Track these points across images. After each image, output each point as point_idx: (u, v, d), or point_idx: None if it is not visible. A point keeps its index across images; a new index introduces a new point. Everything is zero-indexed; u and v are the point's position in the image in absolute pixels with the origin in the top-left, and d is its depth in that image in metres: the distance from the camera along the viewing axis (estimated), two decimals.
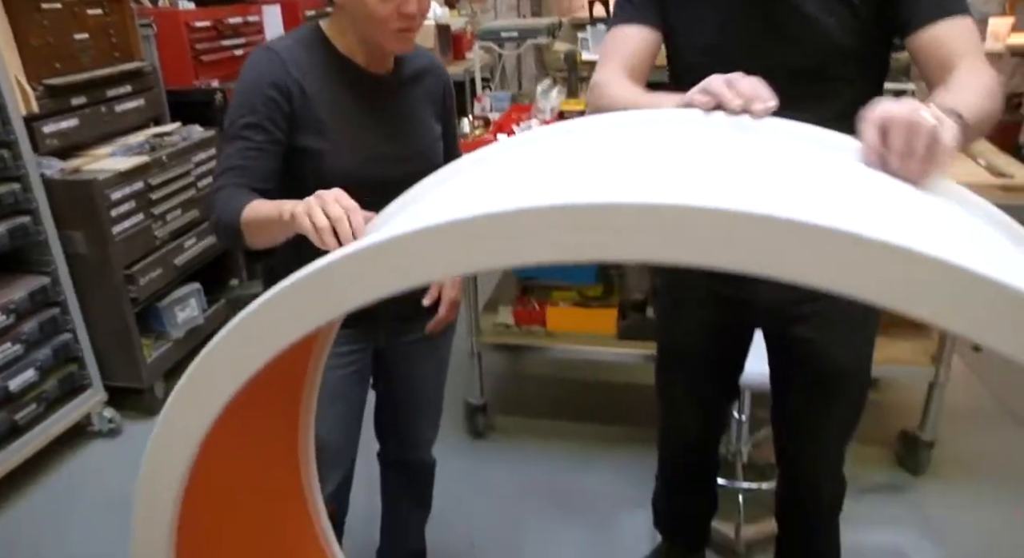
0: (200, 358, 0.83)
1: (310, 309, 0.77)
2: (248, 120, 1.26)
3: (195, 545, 1.06)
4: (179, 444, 0.90)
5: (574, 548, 2.11)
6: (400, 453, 1.73)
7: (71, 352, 2.53)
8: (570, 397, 2.85)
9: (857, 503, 2.24)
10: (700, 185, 0.75)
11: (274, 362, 1.05)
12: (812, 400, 1.46)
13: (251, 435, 1.22)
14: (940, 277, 0.58)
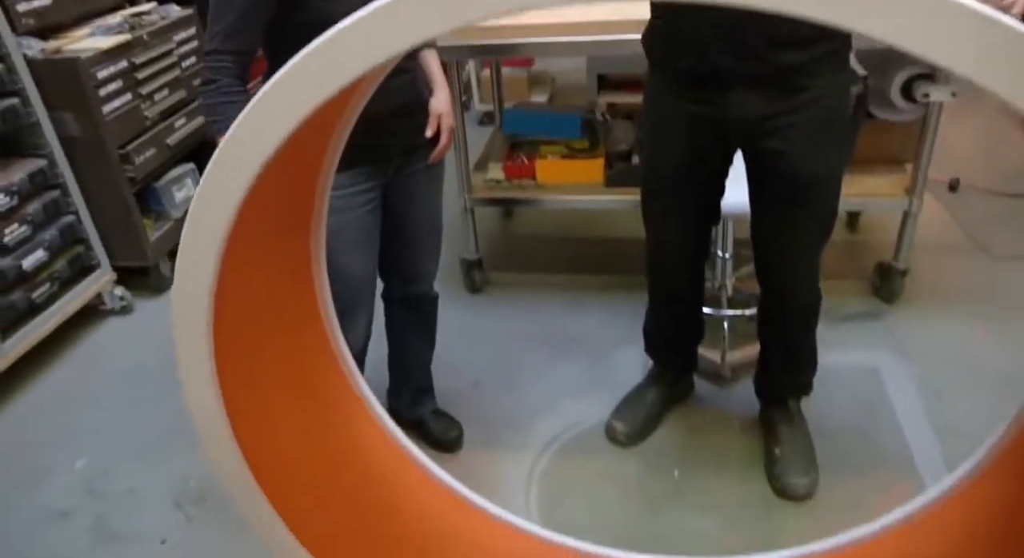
0: (236, 125, 0.87)
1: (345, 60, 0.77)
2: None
3: (231, 367, 1.15)
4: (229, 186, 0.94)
5: (571, 381, 2.27)
6: (404, 288, 1.85)
7: (77, 233, 2.60)
8: (562, 252, 2.97)
9: (835, 330, 2.40)
10: None
11: (285, 182, 1.13)
12: (786, 209, 1.57)
13: (268, 266, 1.31)
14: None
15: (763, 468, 1.91)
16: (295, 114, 0.82)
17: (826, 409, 2.07)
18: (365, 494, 1.45)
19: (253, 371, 1.28)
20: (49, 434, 2.23)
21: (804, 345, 1.83)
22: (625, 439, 2.02)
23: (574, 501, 1.88)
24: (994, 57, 0.63)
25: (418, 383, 2.02)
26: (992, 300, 2.51)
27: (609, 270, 2.76)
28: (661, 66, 1.57)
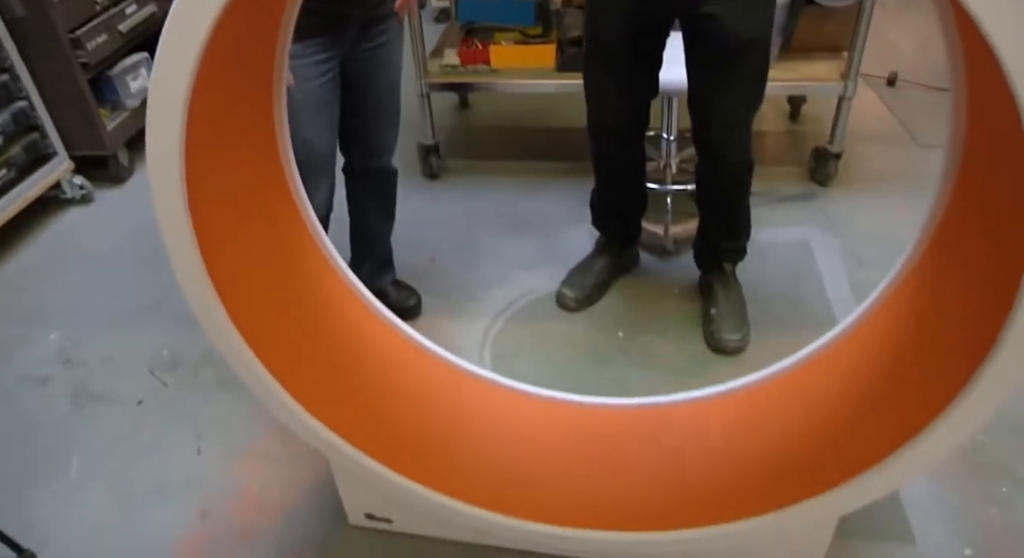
0: None
1: None
2: None
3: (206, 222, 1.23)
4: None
5: (525, 256, 2.40)
6: (364, 162, 1.93)
7: (30, 120, 2.60)
8: (516, 139, 3.06)
9: (773, 210, 2.56)
10: None
11: (245, 46, 1.19)
12: (719, 71, 1.68)
13: (235, 126, 1.38)
14: None
15: (700, 329, 2.08)
16: None
17: (760, 278, 2.24)
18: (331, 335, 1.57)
19: (227, 226, 1.37)
20: (19, 311, 2.30)
21: (738, 210, 1.97)
22: (574, 304, 2.16)
23: (525, 359, 2.03)
24: None
25: (379, 255, 2.12)
26: (917, 184, 2.66)
27: (562, 157, 2.85)
28: None
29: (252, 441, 1.82)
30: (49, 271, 2.48)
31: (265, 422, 1.83)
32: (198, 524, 1.63)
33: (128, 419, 1.90)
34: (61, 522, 1.65)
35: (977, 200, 1.15)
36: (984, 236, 1.11)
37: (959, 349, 1.10)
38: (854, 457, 1.25)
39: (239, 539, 1.60)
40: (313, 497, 1.67)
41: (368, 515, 1.59)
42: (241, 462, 1.77)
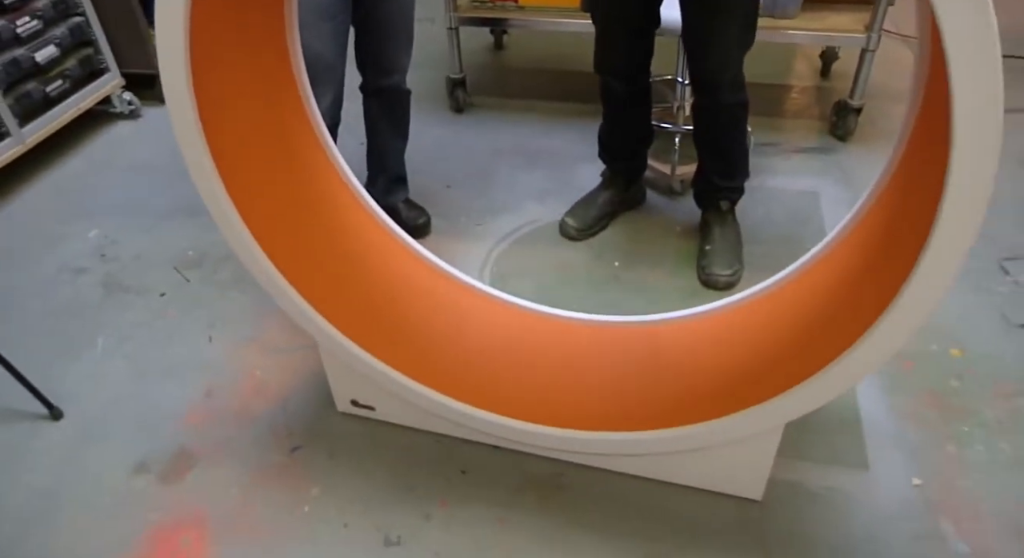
0: None
1: None
2: None
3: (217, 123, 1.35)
4: None
5: (536, 188, 2.49)
6: (378, 80, 2.03)
7: (85, 35, 2.77)
8: (543, 81, 3.13)
9: (787, 161, 2.59)
10: None
11: None
12: (710, 9, 1.74)
13: (245, 42, 1.49)
14: None
15: (695, 264, 2.15)
16: None
17: (764, 221, 2.29)
18: (333, 235, 1.70)
19: (236, 128, 1.49)
20: (64, 211, 2.49)
21: (734, 148, 2.02)
22: (576, 233, 2.25)
23: (522, 280, 2.13)
24: None
25: (392, 172, 2.23)
26: None
27: (583, 99, 2.91)
28: None
29: (259, 334, 1.97)
30: (94, 177, 2.67)
31: (272, 317, 1.98)
32: (203, 401, 1.79)
33: (151, 308, 2.07)
34: (85, 389, 1.83)
35: (926, 143, 1.19)
36: (923, 185, 1.16)
37: (885, 280, 1.17)
38: (796, 370, 1.33)
39: (237, 416, 1.75)
40: (308, 386, 1.82)
41: (353, 402, 1.72)
42: (247, 351, 1.92)
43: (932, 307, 1.12)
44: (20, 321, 2.04)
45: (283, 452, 1.67)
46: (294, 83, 1.67)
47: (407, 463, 1.64)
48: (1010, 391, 1.77)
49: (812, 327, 1.40)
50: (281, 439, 1.70)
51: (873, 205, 1.44)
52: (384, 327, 1.69)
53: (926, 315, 1.13)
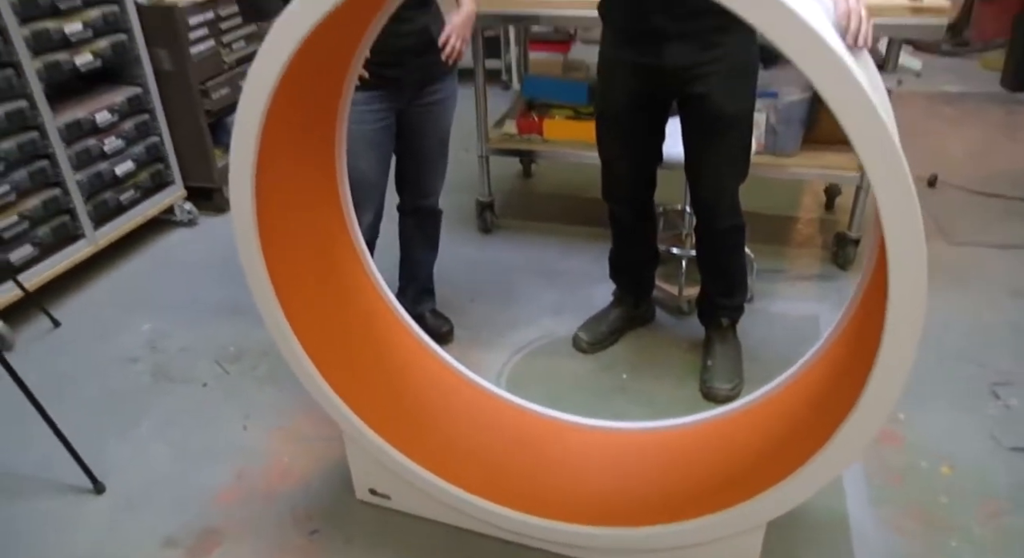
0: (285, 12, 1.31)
1: None
2: None
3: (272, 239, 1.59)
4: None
5: (553, 304, 2.69)
6: (414, 201, 2.29)
7: (159, 152, 3.12)
8: (566, 206, 3.39)
9: (790, 287, 2.77)
10: None
11: (312, 96, 1.56)
12: (706, 141, 1.98)
13: (300, 167, 1.75)
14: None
15: (699, 378, 2.29)
16: (326, 3, 1.26)
17: (764, 341, 2.45)
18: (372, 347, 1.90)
19: (288, 243, 1.72)
20: (123, 305, 2.74)
21: (733, 269, 2.21)
22: (587, 347, 2.42)
23: (536, 387, 2.28)
24: None
25: (421, 284, 2.45)
26: (936, 277, 2.82)
27: (599, 224, 3.12)
28: (612, 26, 1.98)
29: (289, 424, 2.14)
30: (152, 275, 2.94)
31: (302, 410, 2.15)
32: (234, 482, 1.95)
33: (193, 396, 2.26)
34: (128, 467, 2.00)
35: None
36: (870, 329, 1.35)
37: (842, 401, 1.34)
38: (772, 474, 1.47)
39: (263, 498, 1.90)
40: (330, 473, 1.97)
41: (371, 490, 1.86)
42: (277, 439, 2.09)
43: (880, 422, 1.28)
44: (76, 402, 2.24)
45: (303, 534, 1.80)
46: (339, 202, 1.92)
47: (419, 552, 1.76)
48: (998, 510, 1.85)
49: (784, 438, 1.55)
50: (301, 522, 1.84)
51: (839, 335, 1.63)
52: (405, 422, 1.85)
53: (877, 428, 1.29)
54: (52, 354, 2.49)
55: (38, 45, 2.54)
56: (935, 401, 2.18)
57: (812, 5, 1.31)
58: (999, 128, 4.18)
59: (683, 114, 1.99)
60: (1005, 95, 4.60)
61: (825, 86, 1.06)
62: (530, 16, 2.63)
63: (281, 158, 1.61)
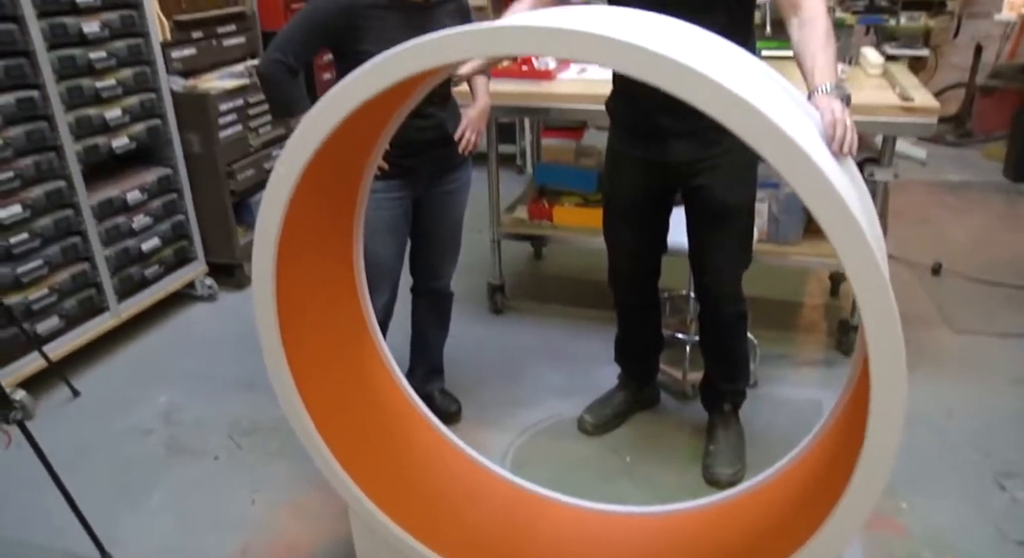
0: (312, 110, 1.42)
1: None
2: (313, 20, 1.96)
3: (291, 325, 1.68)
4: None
5: (560, 386, 2.74)
6: (427, 283, 2.37)
7: (184, 230, 3.25)
8: (575, 289, 3.47)
9: (794, 371, 2.82)
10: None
11: (333, 185, 1.67)
12: (711, 231, 2.06)
13: (319, 250, 1.85)
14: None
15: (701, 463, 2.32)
16: (351, 102, 1.37)
17: (767, 426, 2.47)
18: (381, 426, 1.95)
19: (305, 323, 1.81)
20: (141, 377, 2.81)
21: (735, 355, 2.26)
22: (592, 429, 2.46)
23: (540, 468, 2.31)
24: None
25: (431, 363, 2.52)
26: (940, 364, 2.86)
27: (607, 307, 3.18)
28: (618, 123, 2.10)
29: (296, 499, 2.17)
30: (171, 348, 3.02)
31: (310, 486, 2.19)
32: (239, 556, 1.97)
33: (204, 469, 2.31)
34: (137, 538, 2.03)
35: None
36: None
37: (835, 487, 1.38)
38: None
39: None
40: (336, 550, 1.99)
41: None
42: (284, 514, 2.12)
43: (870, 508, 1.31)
44: (89, 471, 2.29)
45: None
46: (355, 284, 2.01)
47: None
48: None
49: (780, 524, 1.57)
50: None
51: (834, 421, 1.67)
52: (412, 502, 1.89)
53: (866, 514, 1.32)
54: (70, 424, 2.56)
55: (80, 130, 2.71)
56: (939, 490, 2.19)
57: (800, 116, 1.42)
58: (1001, 217, 4.26)
59: (687, 205, 2.08)
60: (1007, 185, 4.71)
61: (808, 197, 1.15)
62: (541, 109, 2.78)
63: (301, 242, 1.70)
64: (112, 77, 2.83)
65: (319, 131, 1.44)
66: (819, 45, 1.56)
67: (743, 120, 1.16)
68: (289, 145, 1.48)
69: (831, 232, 1.15)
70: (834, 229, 1.15)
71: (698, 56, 1.20)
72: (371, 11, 1.95)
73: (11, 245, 2.51)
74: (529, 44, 1.29)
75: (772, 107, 1.17)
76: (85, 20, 2.69)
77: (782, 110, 1.26)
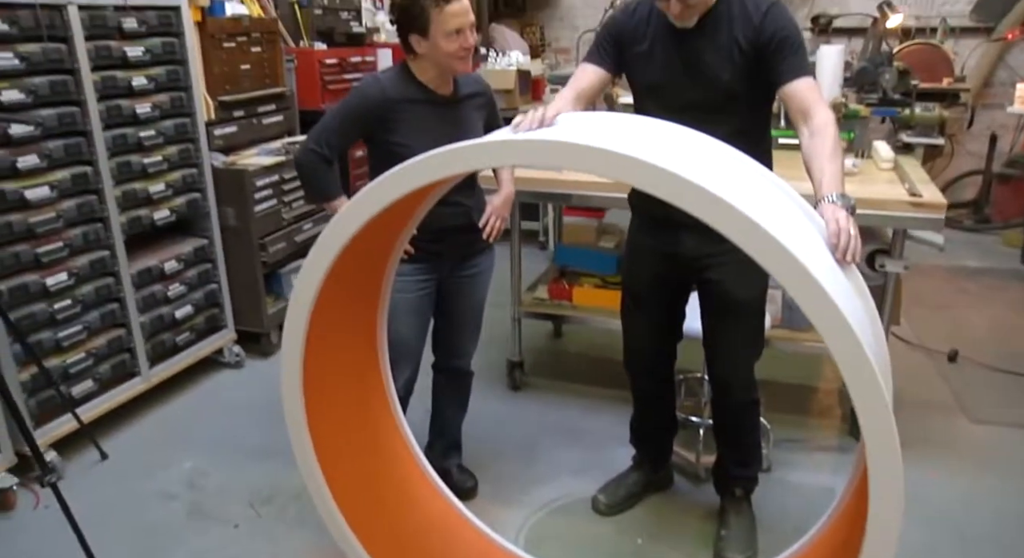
0: (346, 206, 1.54)
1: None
2: (349, 113, 2.10)
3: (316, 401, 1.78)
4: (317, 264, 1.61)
5: (575, 464, 2.77)
6: (447, 361, 2.45)
7: (215, 298, 3.37)
8: (593, 368, 3.52)
9: (807, 457, 2.83)
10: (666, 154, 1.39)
11: (362, 269, 1.78)
12: (723, 322, 2.13)
13: (346, 327, 1.95)
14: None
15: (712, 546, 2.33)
16: (382, 201, 1.49)
17: (780, 512, 2.48)
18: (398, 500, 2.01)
19: (329, 396, 1.90)
20: (168, 442, 2.89)
21: (747, 441, 2.30)
22: (605, 509, 2.49)
23: (553, 548, 2.34)
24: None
25: (449, 439, 2.57)
26: (955, 453, 2.86)
27: (624, 387, 3.24)
28: (638, 214, 2.21)
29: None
30: (198, 414, 3.10)
31: (327, 555, 2.22)
32: None
33: (224, 535, 2.36)
34: None
35: None
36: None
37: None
38: None
39: None
40: None
41: None
42: None
43: None
44: (114, 534, 2.35)
45: None
46: (378, 361, 2.10)
47: None
48: None
49: None
50: None
51: (842, 509, 1.70)
52: None
53: None
54: (97, 485, 2.63)
55: (126, 203, 2.87)
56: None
57: (805, 225, 1.51)
58: (1019, 306, 4.28)
59: (700, 297, 2.16)
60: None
61: (809, 310, 1.24)
62: (563, 195, 2.90)
63: (330, 319, 1.80)
64: (159, 154, 3.00)
65: (353, 223, 1.56)
66: (827, 156, 1.67)
67: (749, 237, 1.25)
68: (326, 232, 1.60)
69: (828, 339, 1.23)
70: (832, 338, 1.23)
71: (706, 172, 1.31)
72: (404, 105, 2.10)
73: (55, 311, 2.64)
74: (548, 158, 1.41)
75: (775, 222, 1.26)
76: (139, 102, 2.88)
77: (786, 223, 1.36)
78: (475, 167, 1.44)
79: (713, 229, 1.96)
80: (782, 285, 1.26)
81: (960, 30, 5.55)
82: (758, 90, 1.92)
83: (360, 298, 1.98)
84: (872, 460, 1.26)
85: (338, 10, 4.27)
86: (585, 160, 1.34)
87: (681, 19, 1.88)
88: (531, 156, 1.42)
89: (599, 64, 2.02)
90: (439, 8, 1.95)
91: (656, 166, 1.28)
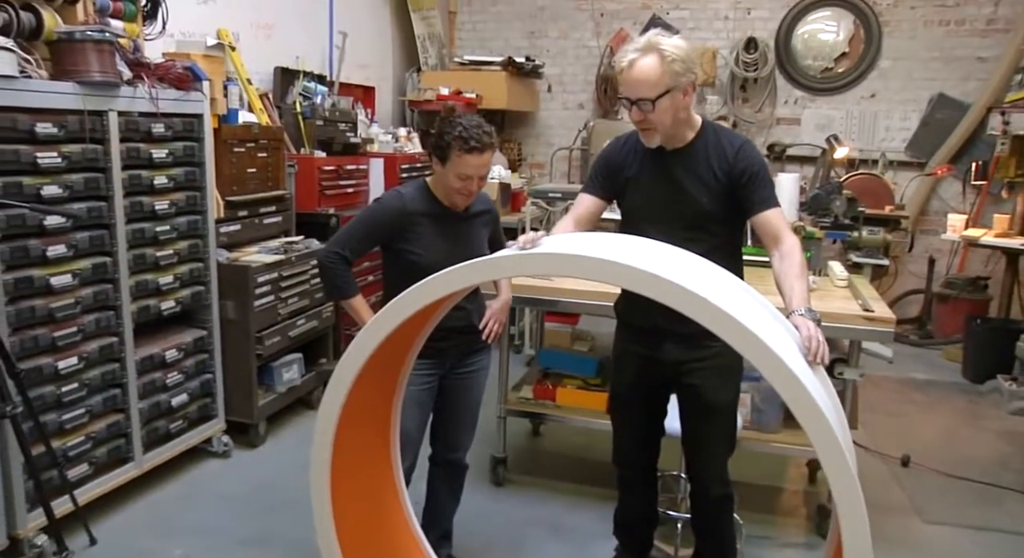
0: (370, 322, 1.75)
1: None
2: (372, 222, 2.34)
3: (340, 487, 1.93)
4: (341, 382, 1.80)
5: (560, 556, 2.88)
6: (444, 453, 2.60)
7: (210, 388, 3.47)
8: (573, 466, 3.67)
9: (778, 554, 3.00)
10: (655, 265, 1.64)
11: (381, 373, 1.97)
12: (699, 424, 2.34)
13: (366, 425, 2.11)
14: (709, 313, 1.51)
15: None
16: (399, 317, 1.70)
17: None
18: None
19: (350, 490, 2.03)
20: (157, 528, 2.93)
21: (723, 533, 2.46)
22: None
23: None
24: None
25: (441, 529, 2.67)
26: (909, 550, 3.06)
27: (604, 484, 3.40)
28: (622, 321, 2.45)
29: None
30: (186, 502, 3.15)
31: None
32: None
33: None
34: None
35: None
36: None
37: None
38: None
39: None
40: None
41: None
42: None
43: None
44: None
45: None
46: (389, 451, 2.25)
47: None
48: None
49: None
50: None
51: None
52: None
53: None
54: None
55: (138, 292, 3.02)
56: None
57: (779, 329, 1.77)
58: (963, 416, 4.59)
59: (680, 400, 2.38)
60: (967, 385, 5.09)
61: (787, 397, 1.47)
62: (549, 301, 3.14)
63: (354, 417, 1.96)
64: (171, 247, 3.18)
65: (387, 326, 1.77)
66: (795, 276, 1.96)
67: (737, 337, 1.49)
68: (362, 334, 1.80)
69: (804, 422, 1.46)
70: (807, 421, 1.46)
71: (704, 285, 1.56)
72: (421, 218, 2.34)
73: (63, 393, 2.73)
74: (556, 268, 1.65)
75: (758, 324, 1.51)
76: (158, 199, 3.08)
77: (765, 327, 1.60)
78: (495, 277, 1.68)
79: (692, 339, 2.22)
80: (766, 377, 1.48)
81: (898, 163, 6.13)
82: (731, 213, 2.21)
83: (380, 392, 2.15)
84: (844, 522, 1.44)
85: (337, 122, 4.59)
86: (604, 273, 1.58)
87: (645, 136, 2.17)
88: (547, 267, 1.67)
89: (594, 193, 2.32)
90: (460, 153, 2.24)
91: (670, 281, 1.52)
